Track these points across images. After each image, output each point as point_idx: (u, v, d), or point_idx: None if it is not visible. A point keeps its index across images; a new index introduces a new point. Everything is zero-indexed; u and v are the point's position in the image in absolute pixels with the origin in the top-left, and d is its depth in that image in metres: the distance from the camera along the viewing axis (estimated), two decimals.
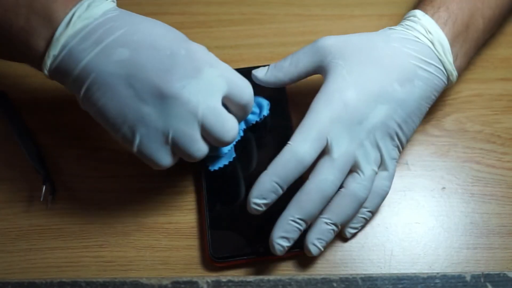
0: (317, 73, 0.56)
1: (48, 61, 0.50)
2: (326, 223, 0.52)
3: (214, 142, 0.50)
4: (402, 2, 0.69)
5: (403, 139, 0.55)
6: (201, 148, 0.50)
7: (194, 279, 0.48)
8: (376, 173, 0.54)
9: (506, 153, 0.59)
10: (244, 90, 0.51)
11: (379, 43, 0.55)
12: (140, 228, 0.56)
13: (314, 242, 0.52)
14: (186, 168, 0.58)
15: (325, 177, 0.51)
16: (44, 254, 0.55)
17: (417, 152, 0.60)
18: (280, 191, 0.50)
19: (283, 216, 0.51)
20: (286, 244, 0.51)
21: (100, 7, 0.50)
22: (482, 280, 0.48)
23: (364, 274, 0.49)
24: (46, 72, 0.50)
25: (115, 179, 0.58)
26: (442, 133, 0.60)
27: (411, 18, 0.57)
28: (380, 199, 0.54)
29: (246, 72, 0.63)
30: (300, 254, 0.53)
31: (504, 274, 0.49)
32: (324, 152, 0.52)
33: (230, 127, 0.50)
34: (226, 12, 0.70)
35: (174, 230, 0.56)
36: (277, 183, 0.50)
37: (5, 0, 0.50)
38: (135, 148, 0.50)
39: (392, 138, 0.54)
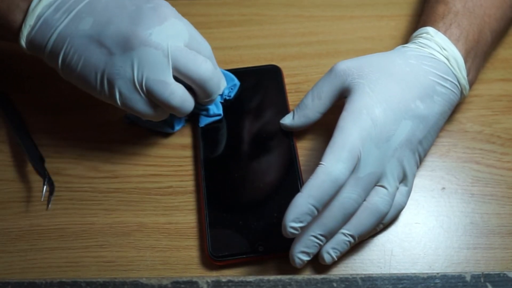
0: (342, 97, 0.56)
1: (25, 31, 0.52)
2: (344, 234, 0.51)
3: (191, 81, 0.53)
4: (402, 3, 0.70)
5: (422, 154, 0.55)
6: (174, 91, 0.52)
7: (194, 279, 0.48)
8: (397, 188, 0.54)
9: (506, 153, 0.59)
10: (203, 44, 0.55)
11: (397, 60, 0.56)
12: (140, 228, 0.56)
13: (329, 251, 0.51)
14: (187, 169, 0.58)
15: (348, 195, 0.50)
16: (44, 254, 0.55)
17: None
18: (316, 213, 0.49)
19: (304, 231, 0.50)
20: (306, 258, 0.51)
21: None
22: (482, 280, 0.48)
23: (364, 274, 0.49)
24: (23, 43, 0.53)
25: (115, 179, 0.58)
26: (442, 133, 0.60)
27: (424, 35, 0.58)
28: (396, 213, 0.54)
29: (245, 72, 0.64)
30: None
31: (504, 274, 0.49)
32: None
33: (203, 60, 0.53)
34: (226, 13, 0.70)
35: (174, 230, 0.56)
36: (313, 205, 0.48)
37: None
38: (118, 102, 0.52)
39: (414, 154, 0.54)
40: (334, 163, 0.49)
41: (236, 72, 0.63)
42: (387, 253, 0.54)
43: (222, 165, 0.57)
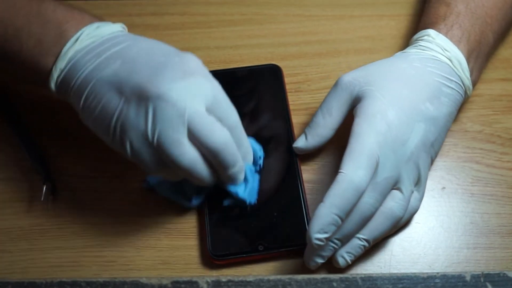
0: (352, 108, 0.55)
1: (55, 74, 0.51)
2: (359, 238, 0.51)
3: (205, 148, 0.49)
4: (402, 2, 0.70)
5: (434, 157, 0.55)
6: (185, 152, 0.48)
7: (194, 279, 0.48)
8: (413, 192, 0.53)
9: (506, 153, 0.59)
10: (229, 109, 0.51)
11: (401, 65, 0.56)
12: (140, 228, 0.56)
13: (344, 255, 0.51)
14: None
15: (367, 200, 0.50)
16: (44, 254, 0.55)
17: None
18: (340, 223, 0.48)
19: None
20: (321, 261, 0.51)
21: (108, 27, 0.52)
22: (482, 280, 0.48)
23: (364, 274, 0.49)
24: (53, 86, 0.52)
25: (115, 179, 0.58)
26: None
27: (425, 37, 0.58)
28: (410, 217, 0.54)
29: (245, 71, 0.64)
30: (298, 251, 0.53)
31: (504, 274, 0.48)
32: None
33: (219, 130, 0.49)
34: (226, 13, 0.70)
35: (174, 230, 0.56)
36: (337, 215, 0.48)
37: (16, 19, 0.52)
38: (128, 153, 0.50)
39: (427, 157, 0.54)
40: (355, 170, 0.49)
41: (236, 71, 0.63)
42: (387, 253, 0.54)
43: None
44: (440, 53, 0.56)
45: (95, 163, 0.59)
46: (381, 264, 0.54)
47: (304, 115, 0.62)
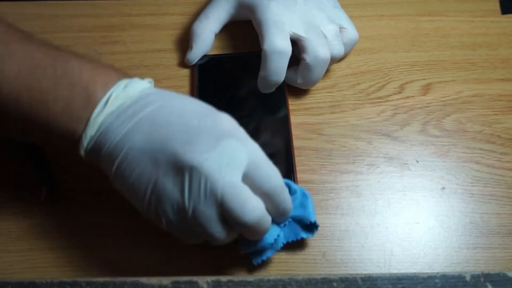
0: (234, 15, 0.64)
1: (85, 142, 0.48)
2: None
3: (235, 224, 0.47)
4: (402, 3, 0.70)
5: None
6: (219, 231, 0.47)
7: (194, 279, 0.48)
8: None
9: (506, 153, 0.59)
10: (268, 172, 0.48)
11: None
12: (140, 228, 0.56)
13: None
14: None
15: None
16: (44, 254, 0.55)
17: (417, 152, 0.60)
18: None
19: None
20: None
21: (136, 86, 0.49)
22: (482, 279, 0.48)
23: (364, 274, 0.49)
24: (82, 153, 0.49)
25: None
26: (442, 133, 0.61)
27: None
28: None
29: (246, 57, 0.65)
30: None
31: (504, 273, 0.48)
32: None
33: (252, 208, 0.46)
34: None
35: None
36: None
37: (42, 82, 0.48)
38: (163, 225, 0.48)
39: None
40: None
41: (236, 56, 0.65)
42: (387, 253, 0.54)
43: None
44: None
45: None
46: (381, 264, 0.54)
47: (303, 115, 0.62)
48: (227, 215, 0.46)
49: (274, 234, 0.51)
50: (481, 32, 0.67)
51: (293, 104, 0.62)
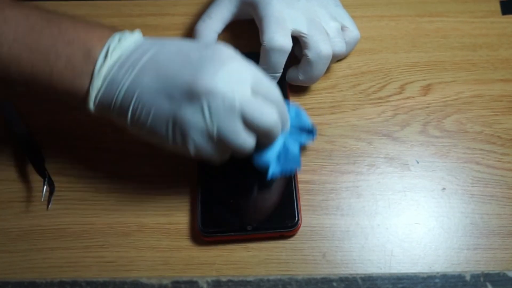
0: (237, 14, 0.64)
1: (93, 93, 0.50)
2: None
3: (258, 130, 0.51)
4: (402, 3, 0.70)
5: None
6: (246, 139, 0.51)
7: (194, 279, 0.48)
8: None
9: (506, 154, 0.59)
10: (270, 86, 0.52)
11: None
12: (140, 228, 0.56)
13: None
14: (188, 169, 0.58)
15: None
16: (44, 254, 0.55)
17: (418, 153, 0.60)
18: None
19: None
20: None
21: (130, 38, 0.51)
22: (482, 279, 0.48)
23: (364, 274, 0.49)
24: (92, 105, 0.51)
25: (115, 179, 0.58)
26: (442, 134, 0.60)
27: None
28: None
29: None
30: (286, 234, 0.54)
31: (504, 273, 0.49)
32: None
33: (269, 112, 0.51)
34: None
35: (174, 230, 0.56)
36: None
37: (40, 42, 0.50)
38: (191, 152, 0.51)
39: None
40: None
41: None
42: (387, 253, 0.54)
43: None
44: None
45: (95, 163, 0.59)
46: (381, 265, 0.54)
47: None
48: (249, 124, 0.50)
49: (281, 141, 0.55)
50: (482, 33, 0.67)
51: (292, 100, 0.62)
